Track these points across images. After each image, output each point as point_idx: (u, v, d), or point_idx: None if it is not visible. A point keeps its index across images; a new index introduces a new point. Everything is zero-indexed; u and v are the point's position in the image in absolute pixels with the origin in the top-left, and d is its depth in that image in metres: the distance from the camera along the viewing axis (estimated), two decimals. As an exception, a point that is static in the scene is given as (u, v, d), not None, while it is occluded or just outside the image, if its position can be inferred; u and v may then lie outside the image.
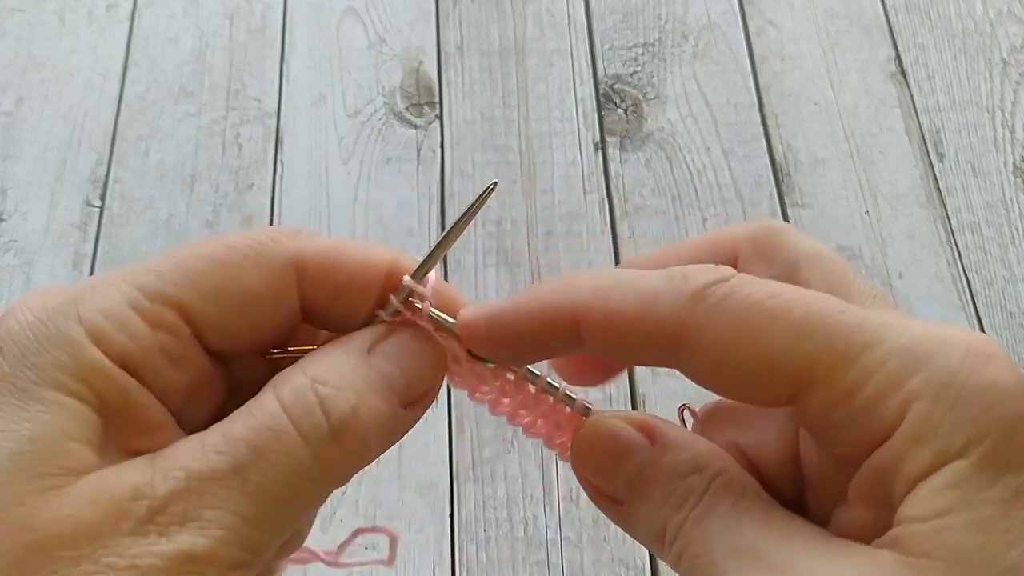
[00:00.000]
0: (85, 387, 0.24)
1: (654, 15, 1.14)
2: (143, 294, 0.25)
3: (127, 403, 0.24)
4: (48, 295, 0.25)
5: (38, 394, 0.23)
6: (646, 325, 0.25)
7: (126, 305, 0.25)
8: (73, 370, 0.24)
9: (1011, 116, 1.06)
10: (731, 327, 0.24)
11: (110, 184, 1.01)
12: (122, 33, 1.11)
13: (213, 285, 0.25)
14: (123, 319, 0.24)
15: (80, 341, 0.24)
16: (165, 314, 0.25)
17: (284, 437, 0.24)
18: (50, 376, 0.23)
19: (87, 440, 0.23)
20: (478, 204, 0.28)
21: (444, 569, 0.81)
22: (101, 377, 0.24)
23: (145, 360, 0.24)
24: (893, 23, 1.13)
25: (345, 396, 0.25)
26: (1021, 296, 0.96)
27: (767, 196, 1.01)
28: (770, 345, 0.24)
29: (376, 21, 1.13)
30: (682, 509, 0.25)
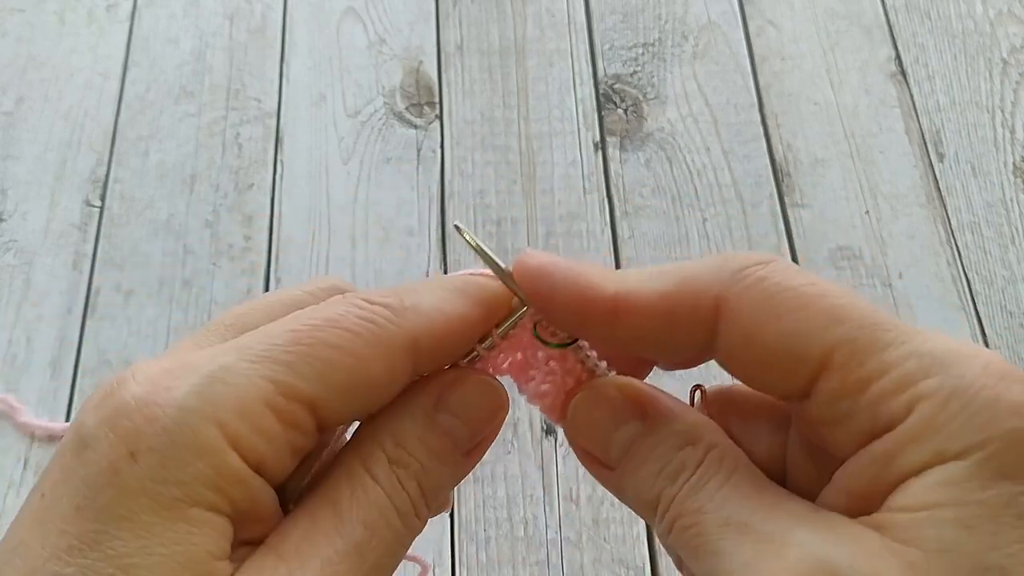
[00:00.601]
0: (224, 499, 0.23)
1: (654, 15, 1.14)
2: (278, 390, 0.24)
3: (257, 506, 0.24)
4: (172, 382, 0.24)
5: (184, 513, 0.22)
6: (688, 298, 0.26)
7: (262, 404, 0.24)
8: (214, 483, 0.23)
9: (1011, 116, 1.06)
10: (766, 305, 0.25)
11: (110, 184, 1.01)
12: (122, 33, 1.11)
13: (343, 378, 0.25)
14: (260, 421, 0.24)
15: (221, 450, 0.23)
16: (299, 413, 0.25)
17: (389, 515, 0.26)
18: (194, 492, 0.23)
19: (225, 553, 0.23)
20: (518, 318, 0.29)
21: (444, 569, 0.81)
22: (239, 486, 0.23)
23: (276, 461, 0.24)
24: (893, 23, 1.13)
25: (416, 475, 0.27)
26: (1021, 296, 0.96)
27: (767, 196, 1.01)
28: (799, 326, 0.25)
29: (376, 21, 1.13)
30: (676, 481, 0.26)
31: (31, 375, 0.89)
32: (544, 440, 0.86)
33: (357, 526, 0.25)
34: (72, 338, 0.91)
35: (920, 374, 0.23)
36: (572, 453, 0.32)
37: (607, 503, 0.84)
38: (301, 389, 0.24)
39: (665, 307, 0.27)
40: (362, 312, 0.26)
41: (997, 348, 0.93)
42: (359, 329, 0.25)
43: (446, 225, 0.99)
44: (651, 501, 0.26)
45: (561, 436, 0.86)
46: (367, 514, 0.25)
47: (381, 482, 0.26)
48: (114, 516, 0.22)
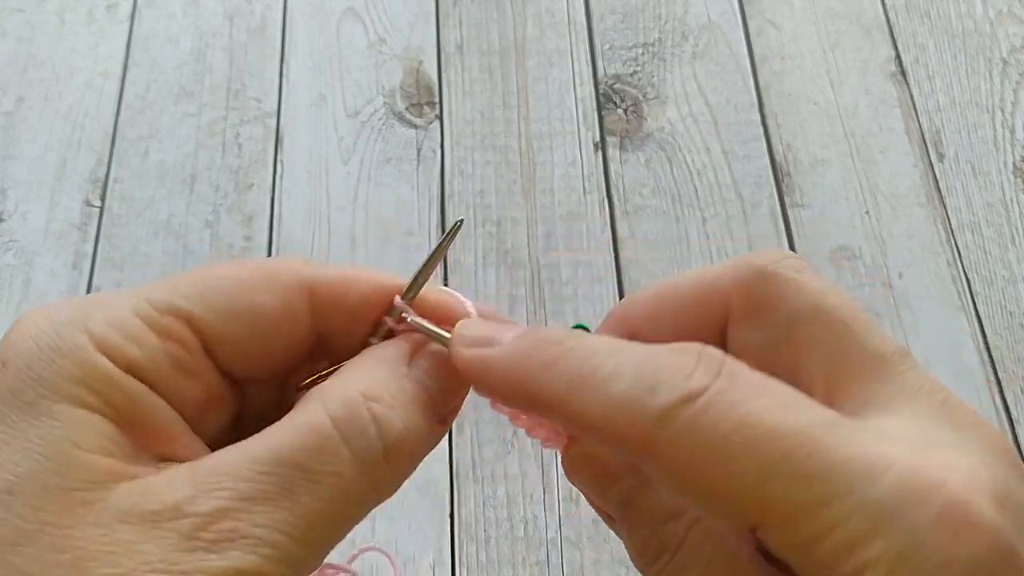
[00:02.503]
0: (95, 396, 0.23)
1: (654, 15, 1.14)
2: (152, 306, 0.25)
3: (140, 410, 0.24)
4: (55, 309, 0.25)
5: (47, 407, 0.23)
6: (613, 436, 0.23)
7: (133, 315, 0.24)
8: (81, 380, 0.23)
9: (1011, 116, 1.06)
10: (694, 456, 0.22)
11: (110, 184, 1.01)
12: (122, 33, 1.11)
13: (223, 300, 0.25)
14: (130, 328, 0.24)
15: (86, 349, 0.23)
16: (173, 324, 0.25)
17: (336, 458, 0.23)
18: (58, 387, 0.23)
19: (106, 450, 0.23)
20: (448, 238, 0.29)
21: (444, 569, 0.81)
22: (109, 384, 0.23)
23: (154, 369, 0.24)
24: (893, 23, 1.13)
25: (397, 415, 0.25)
26: (1021, 296, 0.96)
27: (767, 196, 1.01)
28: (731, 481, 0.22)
29: (376, 21, 1.13)
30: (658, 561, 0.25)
31: (31, 375, 0.89)
32: (544, 440, 0.86)
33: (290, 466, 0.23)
34: (72, 338, 0.91)
35: (864, 535, 0.20)
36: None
37: (607, 503, 0.84)
38: (175, 303, 0.25)
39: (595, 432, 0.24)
40: (261, 260, 0.27)
41: (997, 348, 0.93)
42: (249, 266, 0.26)
43: (446, 225, 0.99)
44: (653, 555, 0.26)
45: (561, 436, 0.86)
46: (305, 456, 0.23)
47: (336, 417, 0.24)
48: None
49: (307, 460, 0.23)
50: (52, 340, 0.24)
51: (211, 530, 0.22)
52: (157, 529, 0.22)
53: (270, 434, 0.24)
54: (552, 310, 0.94)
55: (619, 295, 0.95)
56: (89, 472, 0.22)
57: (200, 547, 0.21)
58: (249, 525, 0.22)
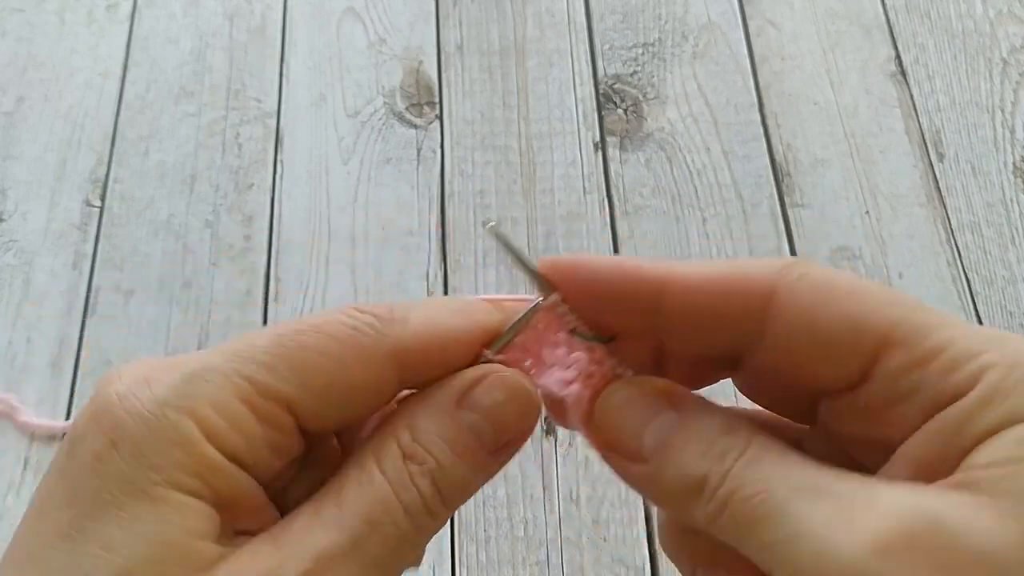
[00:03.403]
0: (203, 485, 0.24)
1: (654, 15, 1.14)
2: (255, 389, 0.25)
3: (238, 495, 0.25)
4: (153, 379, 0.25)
5: (162, 495, 0.24)
6: (738, 285, 0.26)
7: (238, 401, 0.25)
8: (192, 469, 0.24)
9: (1011, 116, 1.06)
10: (822, 289, 0.26)
11: (110, 184, 1.01)
12: (122, 33, 1.11)
13: (323, 382, 0.26)
14: (236, 416, 0.25)
15: (196, 440, 0.24)
16: (275, 411, 0.25)
17: (393, 511, 0.25)
18: (171, 476, 0.24)
19: (209, 535, 0.24)
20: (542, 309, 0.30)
21: (444, 569, 0.81)
22: (217, 475, 0.24)
23: (254, 455, 0.25)
24: (893, 23, 1.13)
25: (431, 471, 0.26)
26: (1021, 296, 0.96)
27: (767, 196, 1.01)
28: (858, 308, 0.25)
29: (376, 21, 1.13)
30: (726, 458, 0.25)
31: (31, 375, 0.89)
32: (544, 440, 0.86)
33: (358, 519, 0.25)
34: (72, 338, 0.91)
35: (980, 348, 0.24)
36: (572, 453, 0.32)
37: (607, 503, 0.84)
38: (277, 388, 0.25)
39: (716, 289, 0.26)
40: (348, 320, 0.26)
41: (997, 348, 0.93)
42: (341, 335, 0.26)
43: (446, 225, 0.99)
44: (695, 481, 0.25)
45: (562, 436, 0.86)
46: (370, 508, 0.25)
47: (389, 476, 0.26)
48: (98, 502, 0.23)
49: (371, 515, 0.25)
50: (163, 427, 0.24)
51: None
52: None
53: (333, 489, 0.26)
54: (552, 310, 0.94)
55: (619, 295, 0.95)
56: (200, 558, 0.24)
57: None
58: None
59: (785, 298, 0.26)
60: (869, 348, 0.25)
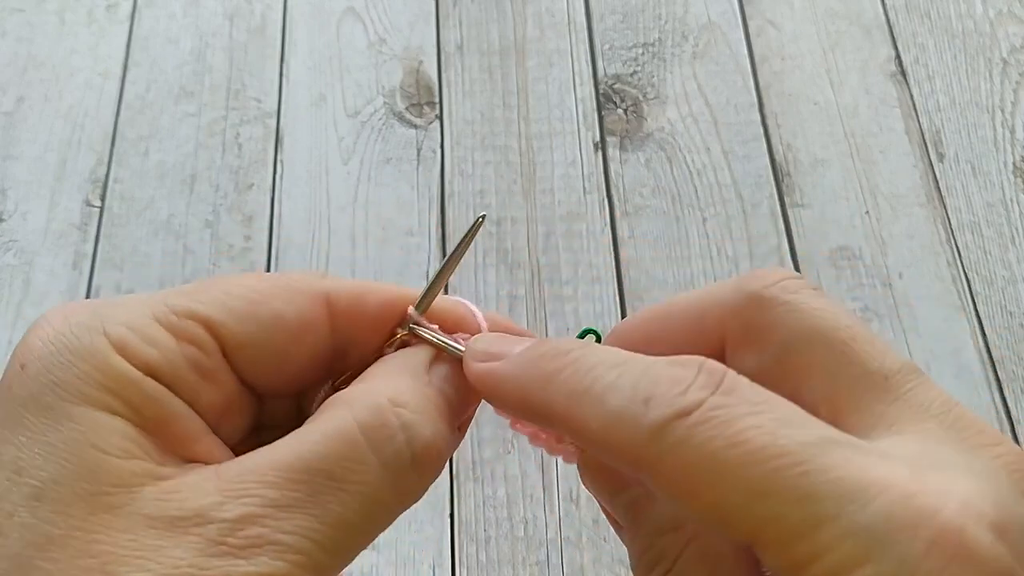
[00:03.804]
0: (115, 398, 0.23)
1: (654, 15, 1.14)
2: (170, 309, 0.25)
3: (161, 411, 0.24)
4: (71, 311, 0.25)
5: (67, 411, 0.23)
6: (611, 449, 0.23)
7: (151, 318, 0.24)
8: (100, 382, 0.23)
9: (1011, 116, 1.06)
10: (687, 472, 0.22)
11: (110, 184, 1.01)
12: (122, 33, 1.11)
13: (242, 306, 0.25)
14: (148, 331, 0.24)
15: (105, 352, 0.23)
16: (192, 327, 0.25)
17: (364, 465, 0.23)
18: (77, 390, 0.23)
19: (129, 453, 0.23)
20: (469, 238, 0.29)
21: (444, 569, 0.81)
22: (129, 387, 0.23)
23: (173, 372, 0.24)
24: (893, 23, 1.13)
25: (425, 421, 0.25)
26: (1021, 296, 0.96)
27: (767, 196, 1.01)
28: (723, 500, 0.21)
29: (376, 21, 1.13)
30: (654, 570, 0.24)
31: (31, 375, 0.89)
32: (544, 440, 0.86)
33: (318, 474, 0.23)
34: (72, 338, 0.91)
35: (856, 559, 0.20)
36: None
37: (607, 503, 0.84)
38: (192, 308, 0.25)
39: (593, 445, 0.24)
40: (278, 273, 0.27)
41: (997, 348, 0.93)
42: (268, 277, 0.26)
43: (446, 225, 0.99)
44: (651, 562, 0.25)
45: (561, 436, 0.86)
46: (334, 465, 0.23)
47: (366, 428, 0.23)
48: (6, 424, 0.23)
49: (335, 467, 0.23)
50: (70, 342, 0.24)
51: (239, 536, 0.22)
52: (185, 534, 0.22)
53: (297, 440, 0.23)
54: (552, 310, 0.94)
55: (619, 295, 0.95)
56: (115, 476, 0.22)
57: (228, 552, 0.21)
58: (276, 531, 0.22)
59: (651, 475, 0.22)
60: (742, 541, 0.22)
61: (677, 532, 0.25)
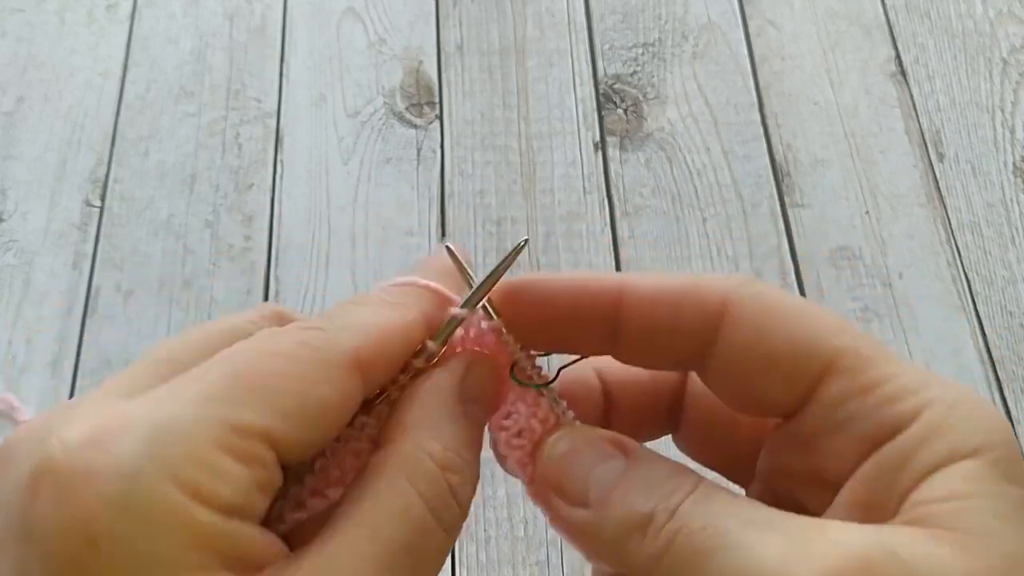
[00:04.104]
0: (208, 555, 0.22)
1: (654, 15, 1.14)
2: (229, 429, 0.23)
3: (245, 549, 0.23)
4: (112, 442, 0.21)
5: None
6: (692, 298, 0.26)
7: (215, 447, 0.22)
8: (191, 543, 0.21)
9: (1011, 116, 1.06)
10: (774, 308, 0.26)
11: (110, 184, 1.01)
12: (122, 33, 1.11)
13: (292, 405, 0.24)
14: (217, 465, 0.22)
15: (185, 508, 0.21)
16: (256, 449, 0.23)
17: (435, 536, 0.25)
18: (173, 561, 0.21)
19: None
20: (509, 260, 0.29)
21: (444, 569, 0.81)
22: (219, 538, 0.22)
23: (247, 501, 0.23)
24: (893, 23, 1.13)
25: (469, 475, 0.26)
26: (1021, 296, 0.96)
27: (767, 196, 1.01)
28: (807, 331, 0.25)
29: (376, 21, 1.13)
30: (674, 496, 0.25)
31: (31, 375, 0.89)
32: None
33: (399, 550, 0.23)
34: (72, 338, 0.91)
35: (921, 385, 0.24)
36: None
37: (607, 503, 0.84)
38: (252, 423, 0.23)
39: (671, 300, 0.27)
40: (296, 337, 0.25)
41: (997, 348, 0.93)
42: (298, 353, 0.25)
43: (446, 225, 0.99)
44: (642, 519, 0.25)
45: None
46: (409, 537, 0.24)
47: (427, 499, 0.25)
48: None
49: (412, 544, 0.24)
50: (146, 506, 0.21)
51: None
52: None
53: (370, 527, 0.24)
54: (552, 310, 0.94)
55: (619, 295, 0.95)
56: None
57: None
58: None
59: (737, 313, 0.26)
60: (814, 371, 0.25)
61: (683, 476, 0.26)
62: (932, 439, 0.23)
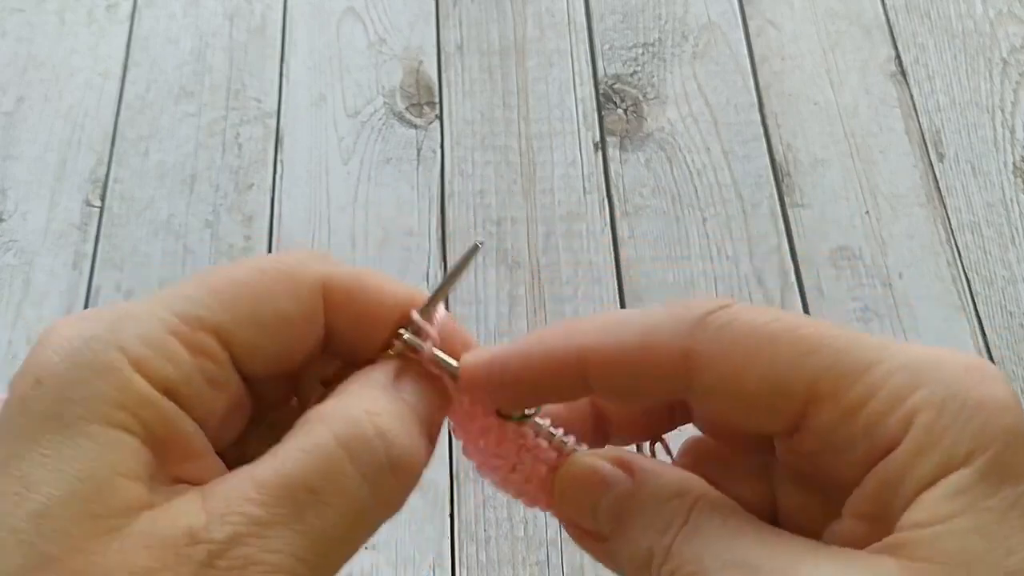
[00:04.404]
0: (131, 418, 0.23)
1: (654, 15, 1.14)
2: (181, 320, 0.24)
3: (172, 432, 0.24)
4: (83, 322, 0.24)
5: (84, 429, 0.22)
6: (653, 355, 0.25)
7: (166, 331, 0.24)
8: (118, 401, 0.23)
9: (1011, 116, 1.06)
10: (737, 349, 0.24)
11: (110, 184, 1.01)
12: (122, 33, 1.11)
13: (248, 309, 0.25)
14: (164, 346, 0.24)
15: (123, 370, 0.23)
16: (204, 339, 0.25)
17: (343, 477, 0.24)
18: (95, 409, 0.23)
19: (136, 474, 0.23)
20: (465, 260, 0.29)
21: (444, 569, 0.81)
22: (147, 407, 0.23)
23: (187, 386, 0.24)
24: (893, 23, 1.13)
25: (401, 429, 0.25)
26: (1021, 296, 0.96)
27: (767, 196, 1.01)
28: (776, 364, 0.24)
29: (376, 21, 1.13)
30: (668, 532, 0.25)
31: (31, 375, 0.89)
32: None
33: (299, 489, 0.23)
34: (72, 338, 0.91)
35: (908, 388, 0.23)
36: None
37: (607, 503, 0.84)
38: (204, 317, 0.25)
39: (630, 361, 0.26)
40: (273, 257, 0.26)
41: (997, 348, 0.93)
42: (266, 268, 0.26)
43: (446, 225, 0.99)
44: (644, 557, 0.25)
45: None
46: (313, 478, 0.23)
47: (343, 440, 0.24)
48: (21, 439, 0.22)
49: (316, 481, 0.23)
50: (87, 358, 0.23)
51: (226, 557, 0.22)
52: (175, 556, 0.22)
53: (277, 458, 0.24)
54: (552, 310, 0.94)
55: (619, 295, 0.95)
56: (124, 499, 0.22)
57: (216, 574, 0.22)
58: (262, 551, 0.22)
59: (702, 362, 0.25)
60: (796, 403, 0.24)
61: (682, 496, 0.26)
62: (923, 453, 0.23)
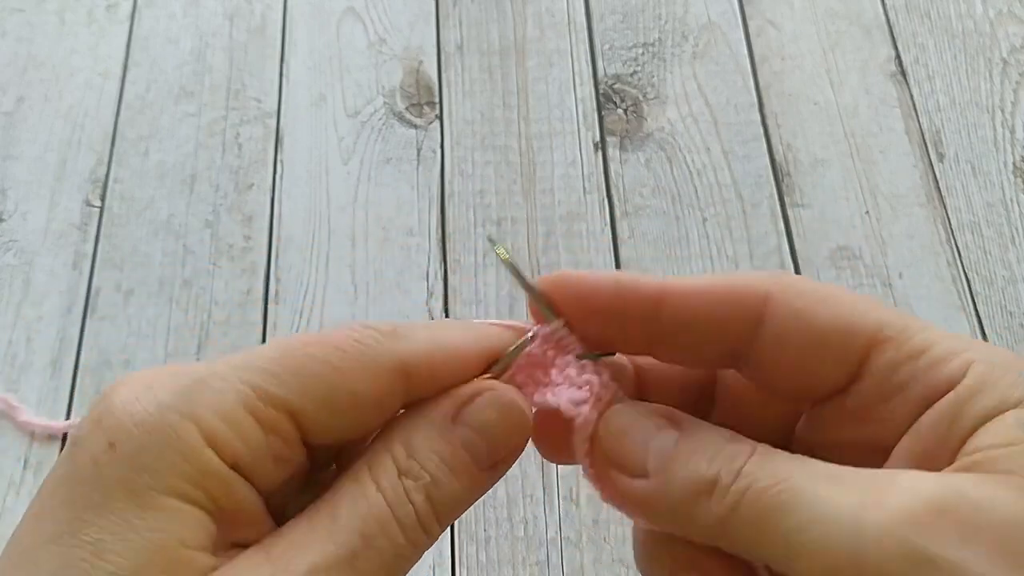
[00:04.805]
0: (201, 492, 0.24)
1: (654, 15, 1.14)
2: (257, 395, 0.25)
3: (237, 505, 0.25)
4: (157, 384, 0.25)
5: (154, 500, 0.23)
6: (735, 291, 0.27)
7: (241, 406, 0.25)
8: (190, 476, 0.24)
9: (1011, 116, 1.06)
10: (811, 295, 0.27)
11: (110, 184, 1.01)
12: (122, 33, 1.11)
13: (324, 391, 0.26)
14: (238, 421, 0.24)
15: (196, 445, 0.24)
16: (278, 418, 0.25)
17: (388, 526, 0.25)
18: (166, 481, 0.23)
19: (202, 545, 0.24)
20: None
21: (444, 569, 0.81)
22: (216, 481, 0.24)
23: (256, 463, 0.25)
24: (893, 23, 1.13)
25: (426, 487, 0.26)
26: (1021, 296, 0.96)
27: (767, 196, 1.01)
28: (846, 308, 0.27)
29: (376, 21, 1.13)
30: (737, 459, 0.26)
31: (31, 375, 0.89)
32: (544, 440, 0.86)
33: (353, 534, 0.25)
34: (72, 338, 0.91)
35: (961, 346, 0.26)
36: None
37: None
38: (280, 396, 0.25)
39: (712, 296, 0.28)
40: (353, 333, 0.27)
41: (997, 348, 0.93)
42: (345, 345, 0.26)
43: (446, 225, 0.99)
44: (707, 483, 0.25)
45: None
46: (365, 523, 0.25)
47: (385, 491, 0.26)
48: (91, 504, 0.23)
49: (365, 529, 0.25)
50: (160, 428, 0.24)
51: None
52: None
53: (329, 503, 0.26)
54: (552, 310, 0.94)
55: (619, 295, 0.95)
56: (193, 570, 0.23)
57: None
58: None
59: (778, 302, 0.27)
60: (860, 345, 0.26)
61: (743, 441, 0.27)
62: (981, 392, 0.25)
